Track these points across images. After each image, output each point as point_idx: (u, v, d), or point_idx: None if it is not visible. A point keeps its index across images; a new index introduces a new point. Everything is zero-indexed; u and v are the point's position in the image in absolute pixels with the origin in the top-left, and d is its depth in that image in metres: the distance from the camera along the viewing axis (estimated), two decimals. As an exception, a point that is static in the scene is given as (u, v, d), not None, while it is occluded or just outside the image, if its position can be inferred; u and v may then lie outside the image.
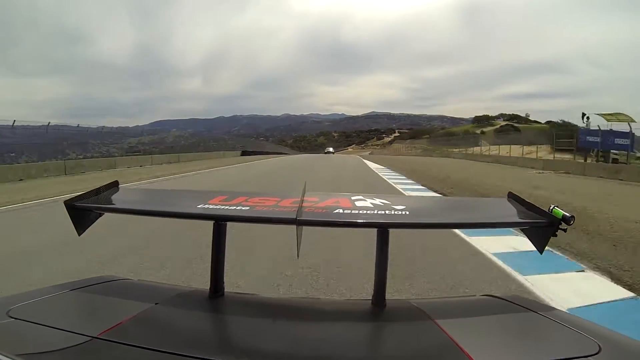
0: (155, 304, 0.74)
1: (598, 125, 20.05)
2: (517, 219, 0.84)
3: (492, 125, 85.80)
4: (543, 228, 0.75)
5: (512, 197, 0.90)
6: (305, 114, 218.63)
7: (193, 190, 1.13)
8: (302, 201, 0.81)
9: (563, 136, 24.36)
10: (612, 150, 19.72)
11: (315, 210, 0.81)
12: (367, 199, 0.90)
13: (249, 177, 13.60)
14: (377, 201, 0.89)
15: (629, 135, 18.63)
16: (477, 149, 34.42)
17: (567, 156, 21.95)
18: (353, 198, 0.91)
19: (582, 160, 20.05)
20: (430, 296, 2.51)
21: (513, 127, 66.93)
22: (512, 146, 27.74)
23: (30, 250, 3.72)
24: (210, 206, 0.82)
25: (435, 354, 0.61)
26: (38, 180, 11.70)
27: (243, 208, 0.81)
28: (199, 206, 0.83)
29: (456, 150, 38.06)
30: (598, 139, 19.72)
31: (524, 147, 26.49)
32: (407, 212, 0.80)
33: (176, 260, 3.35)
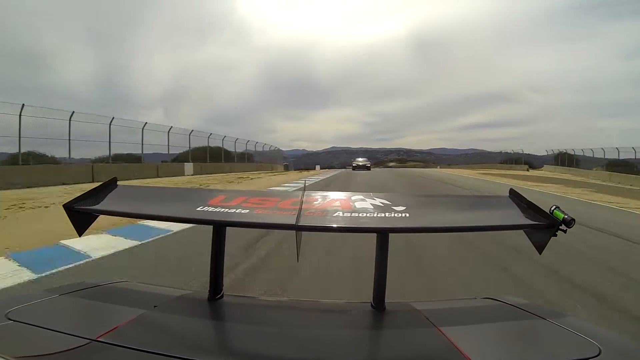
0: (154, 306, 0.75)
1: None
2: (517, 221, 0.83)
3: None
4: (543, 229, 0.77)
5: (514, 195, 0.91)
6: (267, 150, 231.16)
7: (193, 188, 1.17)
8: (302, 203, 0.84)
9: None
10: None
11: (314, 215, 0.83)
12: (367, 199, 0.92)
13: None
14: (377, 201, 0.91)
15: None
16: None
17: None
18: (353, 198, 0.94)
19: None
20: (430, 299, 2.54)
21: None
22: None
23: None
24: (210, 209, 0.84)
25: (435, 357, 0.61)
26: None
27: (242, 211, 0.83)
28: (198, 209, 0.85)
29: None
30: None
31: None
32: (407, 215, 0.82)
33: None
